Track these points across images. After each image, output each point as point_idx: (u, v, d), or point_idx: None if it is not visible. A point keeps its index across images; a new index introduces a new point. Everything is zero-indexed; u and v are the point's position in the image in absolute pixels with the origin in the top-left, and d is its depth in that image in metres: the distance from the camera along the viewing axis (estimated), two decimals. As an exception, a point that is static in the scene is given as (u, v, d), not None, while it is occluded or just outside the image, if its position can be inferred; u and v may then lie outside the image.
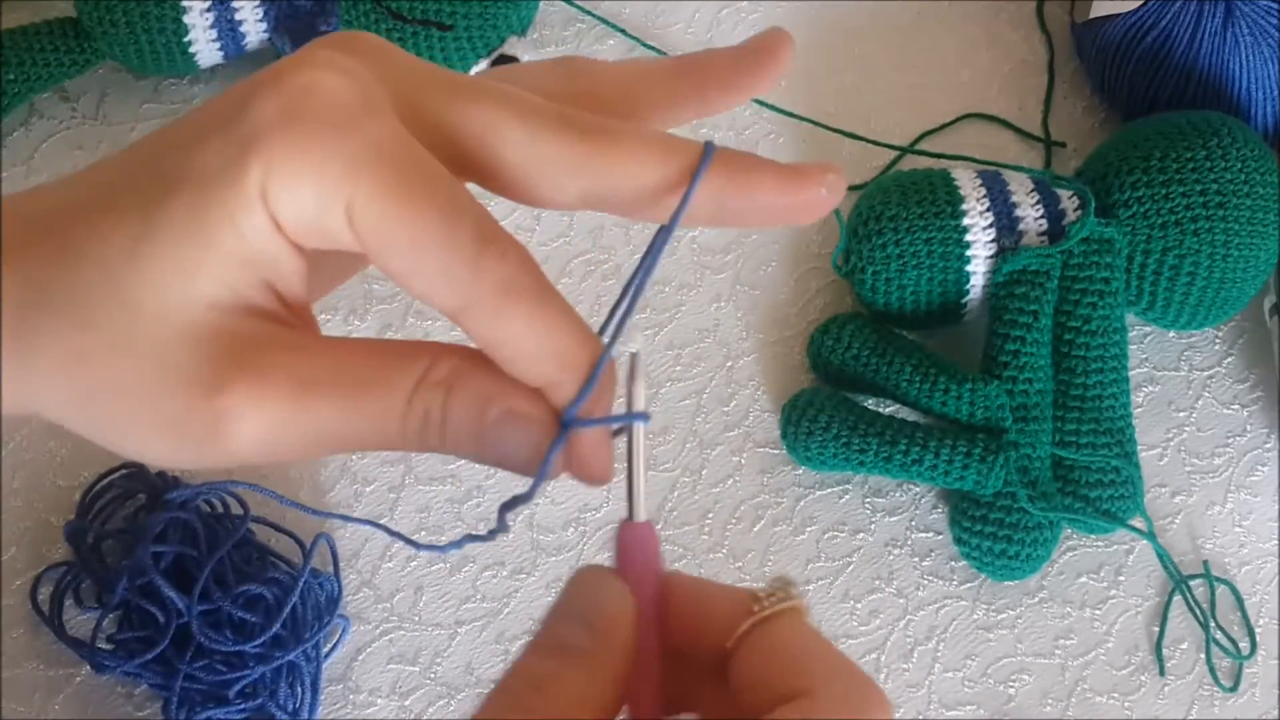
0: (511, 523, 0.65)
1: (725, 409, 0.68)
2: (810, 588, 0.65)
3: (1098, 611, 0.65)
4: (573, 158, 0.34)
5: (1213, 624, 0.65)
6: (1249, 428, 0.69)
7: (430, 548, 0.38)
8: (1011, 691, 0.64)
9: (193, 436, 0.32)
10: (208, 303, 0.32)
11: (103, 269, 0.32)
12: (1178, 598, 0.65)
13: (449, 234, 0.32)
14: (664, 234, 0.35)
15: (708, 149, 0.34)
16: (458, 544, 0.37)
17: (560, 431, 0.33)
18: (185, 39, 0.69)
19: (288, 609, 0.59)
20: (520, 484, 0.35)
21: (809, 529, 0.66)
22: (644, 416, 0.34)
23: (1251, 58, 0.68)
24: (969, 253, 0.65)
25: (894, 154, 0.73)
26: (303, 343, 0.33)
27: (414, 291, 0.33)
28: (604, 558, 0.65)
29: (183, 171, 0.32)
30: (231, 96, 0.33)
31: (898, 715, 0.63)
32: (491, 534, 0.35)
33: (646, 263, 0.35)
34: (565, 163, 0.34)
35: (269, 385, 0.32)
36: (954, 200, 0.65)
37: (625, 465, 0.34)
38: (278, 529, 0.63)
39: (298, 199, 0.32)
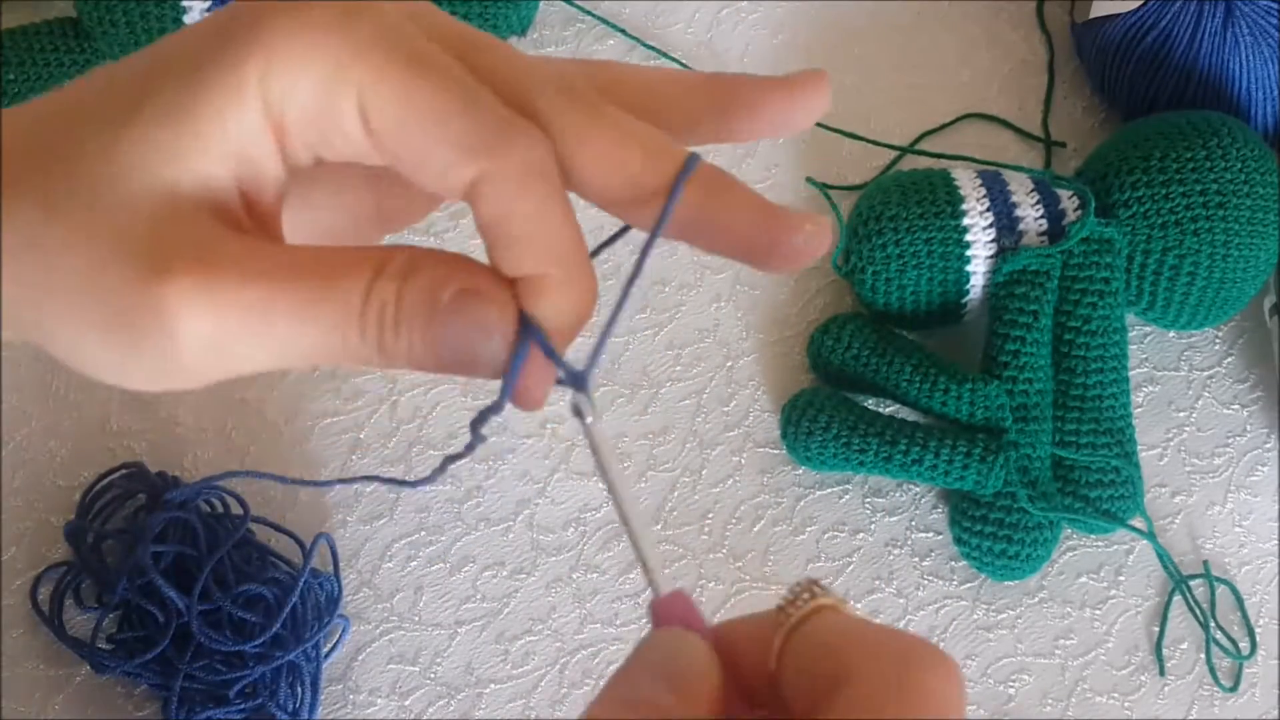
0: (490, 512, 0.65)
1: (725, 409, 0.68)
2: (810, 588, 0.65)
3: (1098, 611, 0.65)
4: (560, 119, 0.32)
5: (1213, 624, 0.65)
6: (1249, 428, 0.69)
7: (418, 482, 0.37)
8: (1011, 691, 0.64)
9: (135, 334, 0.31)
10: (174, 189, 0.31)
11: (80, 159, 0.31)
12: (1178, 598, 0.65)
13: (474, 101, 0.31)
14: (646, 245, 0.33)
15: (690, 160, 0.33)
16: (441, 469, 0.35)
17: (524, 334, 0.32)
18: (185, 39, 0.69)
19: (288, 609, 0.59)
20: (521, 486, 0.34)
21: (809, 529, 0.66)
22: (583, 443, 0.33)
23: (1251, 58, 0.68)
24: (969, 253, 0.65)
25: (894, 154, 0.73)
26: (257, 246, 0.31)
27: (429, 171, 0.31)
28: (604, 558, 0.65)
29: (174, 56, 0.31)
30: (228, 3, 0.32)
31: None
32: (468, 448, 0.34)
33: (633, 274, 0.34)
34: (551, 120, 0.32)
35: (217, 276, 0.30)
36: (954, 200, 0.65)
37: (633, 547, 0.33)
38: (278, 529, 0.63)
39: (301, 91, 0.31)
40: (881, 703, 0.28)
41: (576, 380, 0.33)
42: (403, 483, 0.37)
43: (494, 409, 0.32)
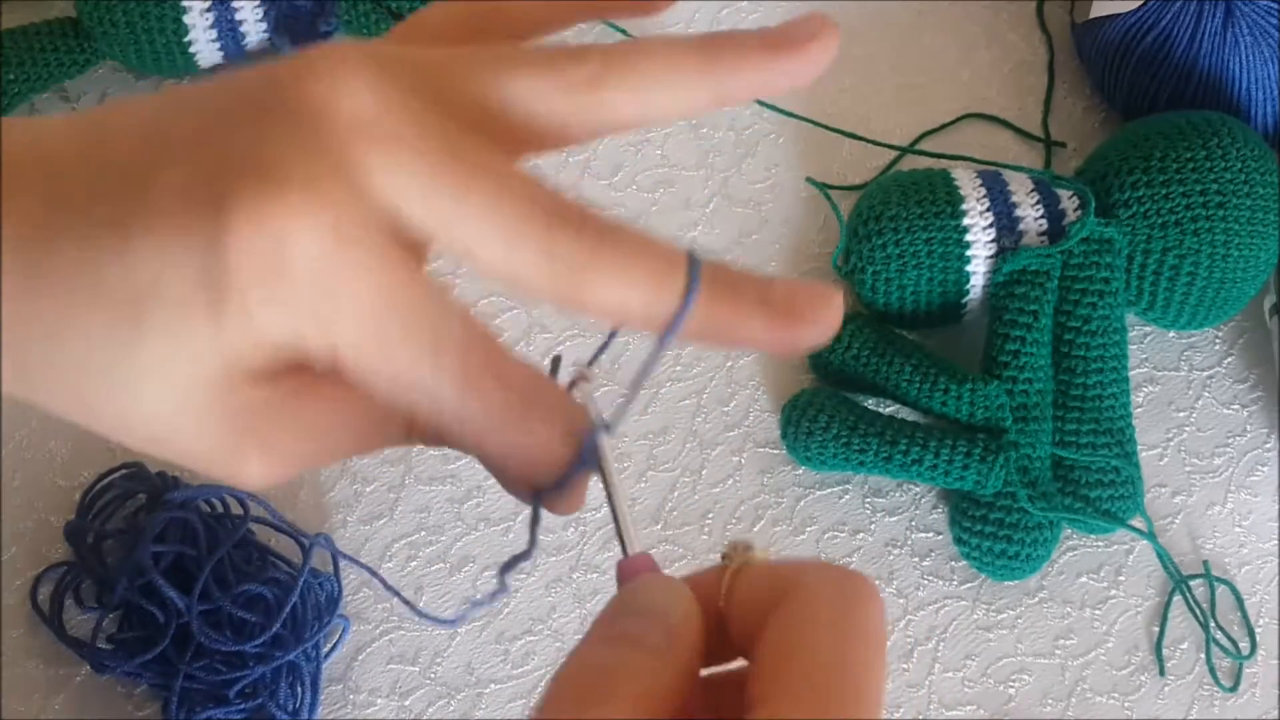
0: (489, 512, 0.65)
1: (725, 409, 0.68)
2: (810, 588, 0.65)
3: (1098, 611, 0.65)
4: (545, 293, 0.32)
5: (1213, 624, 0.65)
6: (1249, 428, 0.69)
7: (439, 622, 0.38)
8: (1011, 691, 0.64)
9: (210, 476, 0.33)
10: (209, 389, 0.31)
11: (90, 378, 0.31)
12: (1178, 598, 0.65)
13: (430, 391, 0.32)
14: (649, 361, 0.33)
15: (691, 288, 0.32)
16: (463, 615, 0.37)
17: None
18: (185, 39, 0.69)
19: (288, 609, 0.59)
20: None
21: (809, 529, 0.66)
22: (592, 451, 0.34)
23: (1251, 58, 0.68)
24: (969, 253, 0.65)
25: (894, 154, 0.73)
26: (302, 400, 0.32)
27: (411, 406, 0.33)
28: (604, 558, 0.65)
29: (153, 287, 0.30)
30: (209, 156, 0.31)
31: (897, 715, 0.63)
32: (493, 596, 0.36)
33: (638, 376, 0.34)
34: (538, 290, 0.32)
35: (280, 456, 0.33)
36: (954, 200, 0.65)
37: (609, 504, 0.34)
38: (278, 529, 0.63)
39: (277, 334, 0.31)
40: (820, 612, 0.29)
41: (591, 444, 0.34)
42: (420, 613, 0.38)
43: (523, 557, 0.34)
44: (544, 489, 0.34)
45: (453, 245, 0.31)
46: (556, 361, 0.35)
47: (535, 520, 0.34)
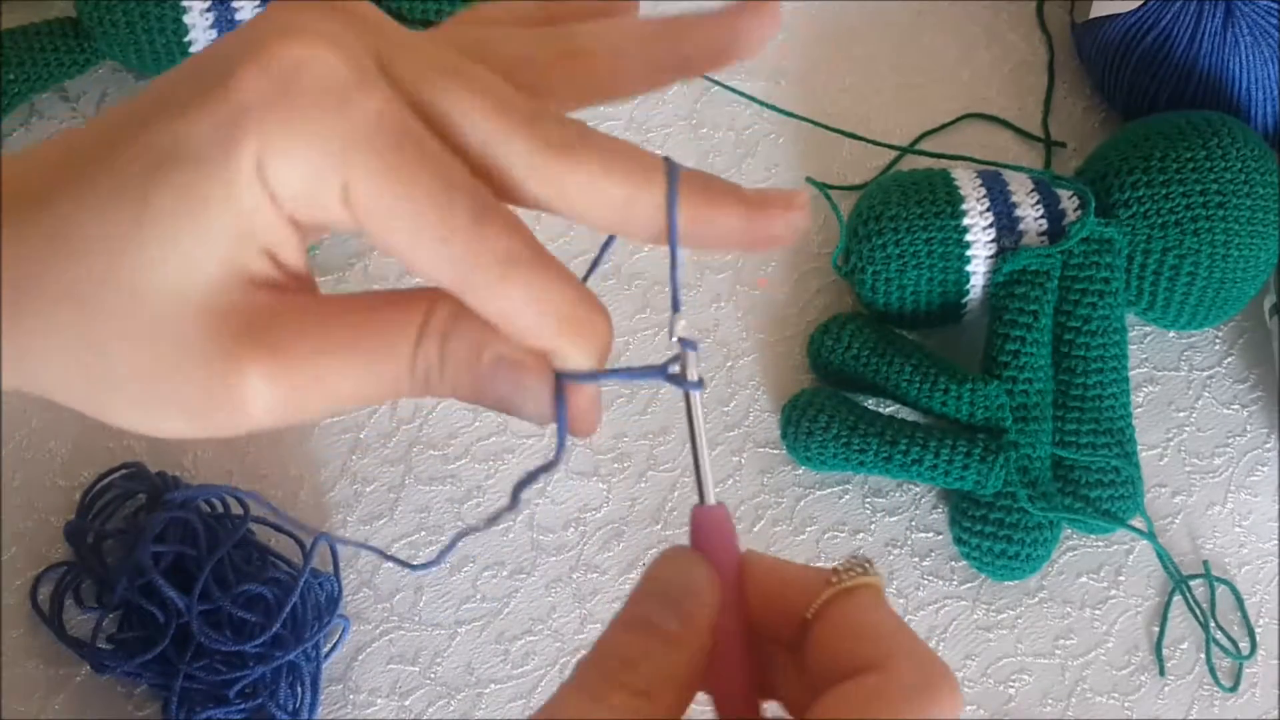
0: (489, 508, 0.65)
1: (725, 409, 0.68)
2: (810, 588, 0.65)
3: (1098, 611, 0.65)
4: (533, 165, 0.33)
5: (1213, 624, 0.65)
6: (1249, 428, 0.69)
7: (424, 565, 0.39)
8: (1011, 691, 0.64)
9: (209, 412, 0.33)
10: (212, 280, 0.32)
11: (103, 254, 0.32)
12: (1178, 598, 0.65)
13: (445, 211, 0.32)
14: (672, 266, 0.35)
15: (672, 177, 0.34)
16: (450, 547, 0.37)
17: (557, 385, 0.34)
18: (185, 39, 0.69)
19: (288, 609, 0.59)
20: (508, 480, 0.34)
21: (809, 529, 0.66)
22: (698, 385, 0.35)
23: (1251, 58, 0.68)
24: (969, 253, 0.65)
25: (894, 154, 0.73)
26: (307, 308, 0.33)
27: (414, 269, 0.33)
28: (604, 558, 0.65)
29: (172, 147, 0.32)
30: (209, 64, 0.33)
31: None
32: (494, 517, 0.36)
33: (669, 269, 0.35)
34: (525, 168, 0.33)
35: (283, 360, 0.33)
36: (954, 200, 0.65)
37: (691, 450, 0.35)
38: (278, 529, 0.63)
39: (293, 177, 0.32)
40: (901, 702, 0.30)
41: (690, 387, 0.35)
42: (407, 564, 0.38)
43: (549, 467, 0.34)
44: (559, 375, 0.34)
45: (445, 118, 0.33)
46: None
47: (561, 425, 0.34)
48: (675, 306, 0.35)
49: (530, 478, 0.34)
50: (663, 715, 0.32)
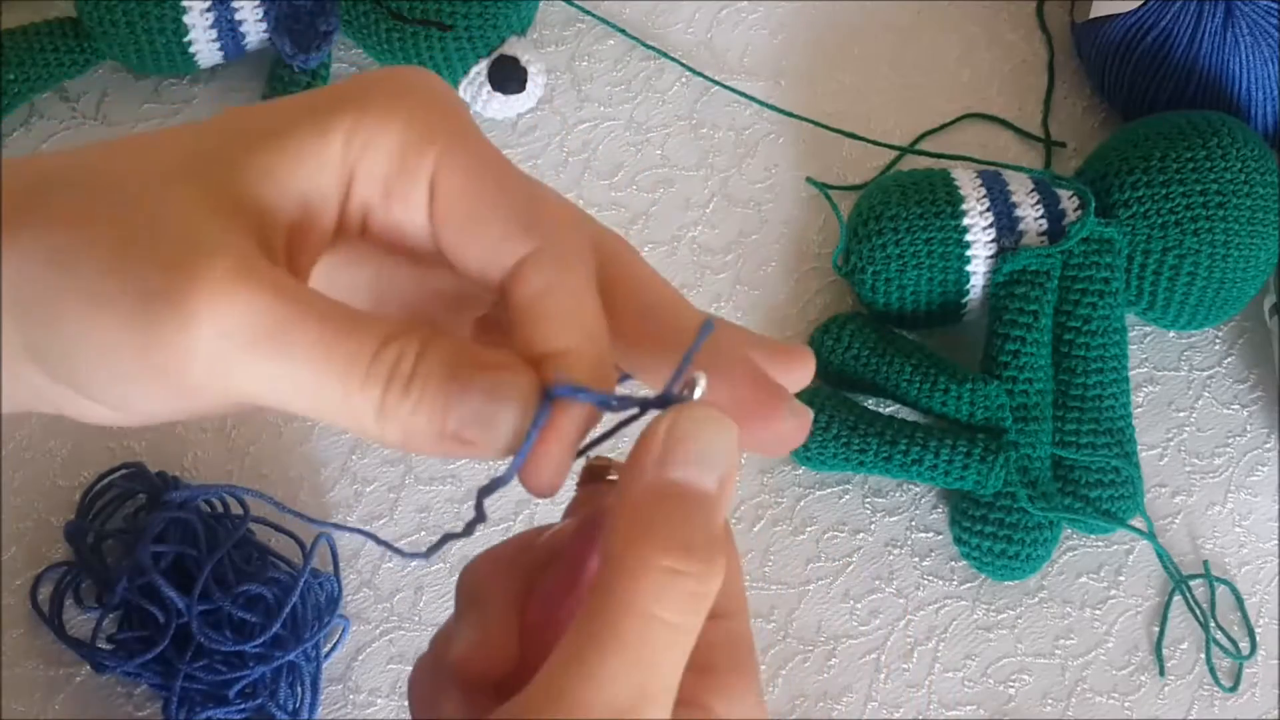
0: (490, 511, 0.65)
1: (725, 409, 0.68)
2: (810, 588, 0.65)
3: (1098, 611, 0.65)
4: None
5: (1213, 624, 0.65)
6: (1249, 428, 0.69)
7: (414, 554, 0.37)
8: (1011, 691, 0.64)
9: (151, 328, 0.30)
10: (228, 204, 0.31)
11: (139, 173, 0.32)
12: (1178, 598, 0.65)
13: (533, 190, 0.33)
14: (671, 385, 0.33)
15: (706, 324, 0.34)
16: (438, 546, 0.35)
17: (544, 401, 0.31)
18: (185, 39, 0.69)
19: (288, 609, 0.59)
20: (521, 486, 0.34)
21: (809, 529, 0.66)
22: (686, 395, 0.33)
23: (1251, 58, 0.68)
24: (969, 253, 0.65)
25: (894, 154, 0.73)
26: (290, 278, 0.32)
27: (483, 243, 0.33)
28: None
29: (270, 110, 0.33)
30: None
31: (898, 715, 0.63)
32: (469, 526, 0.33)
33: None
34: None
35: (247, 281, 0.30)
36: (954, 200, 0.65)
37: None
38: (278, 529, 0.63)
39: (385, 144, 0.32)
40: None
41: (666, 400, 0.33)
42: (396, 549, 0.38)
43: (502, 481, 0.32)
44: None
45: None
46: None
47: (530, 438, 0.31)
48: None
49: (492, 486, 0.32)
50: None
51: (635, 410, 0.33)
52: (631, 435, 0.33)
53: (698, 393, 0.33)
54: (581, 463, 0.36)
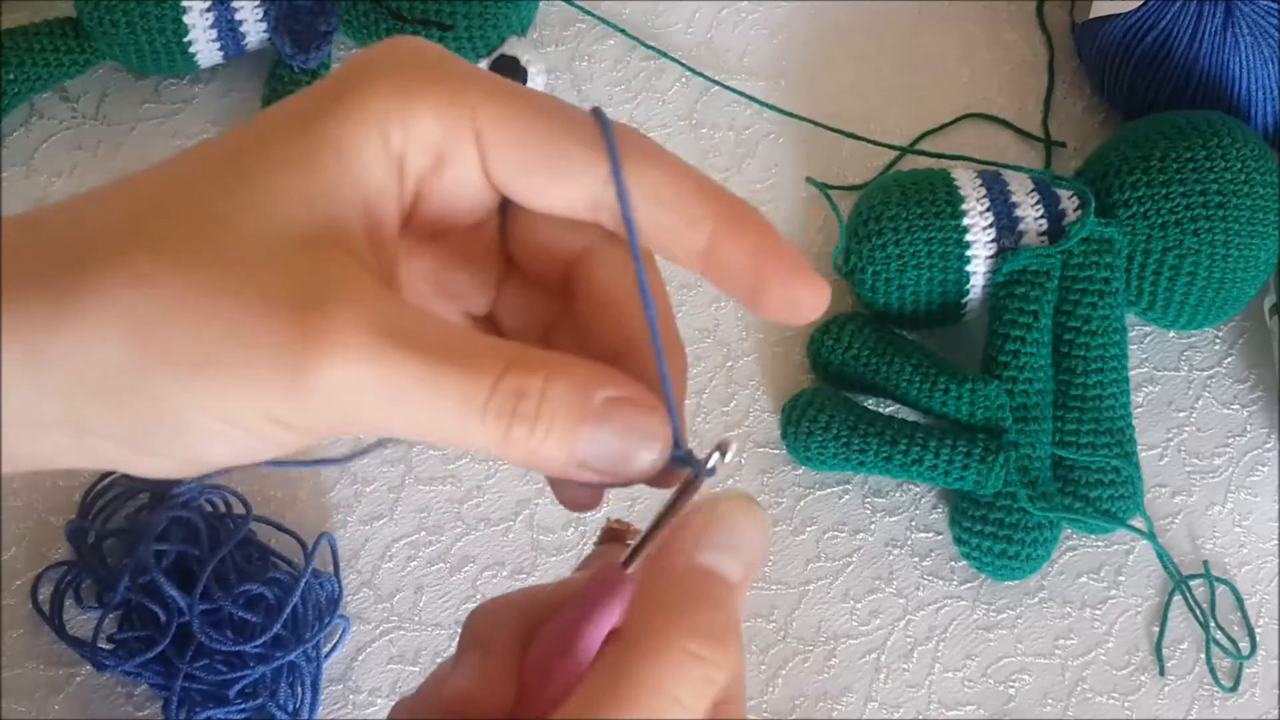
0: (490, 511, 0.65)
1: (725, 409, 0.68)
2: (810, 588, 0.65)
3: (1098, 611, 0.65)
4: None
5: (1213, 624, 0.65)
6: (1249, 428, 0.69)
7: (334, 460, 0.37)
8: (1011, 691, 0.64)
9: (277, 375, 0.29)
10: (309, 234, 0.30)
11: (197, 211, 0.30)
12: (1178, 598, 0.65)
13: (568, 113, 0.33)
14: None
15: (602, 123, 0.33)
16: (364, 452, 0.36)
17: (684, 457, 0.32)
18: (185, 39, 0.69)
19: (288, 609, 0.59)
20: (521, 486, 0.34)
21: (809, 529, 0.66)
22: (710, 473, 0.33)
23: (1251, 58, 0.68)
24: (969, 253, 0.65)
25: (894, 154, 0.73)
26: (400, 300, 0.31)
27: (554, 171, 0.32)
28: (604, 558, 0.65)
29: (290, 114, 0.32)
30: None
31: (897, 715, 0.63)
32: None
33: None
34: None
35: (364, 317, 0.30)
36: (954, 200, 0.65)
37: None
38: (280, 528, 0.63)
39: (423, 115, 0.32)
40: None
41: (694, 462, 0.33)
42: (321, 461, 0.37)
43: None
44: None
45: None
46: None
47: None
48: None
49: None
50: None
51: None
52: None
53: (729, 455, 0.33)
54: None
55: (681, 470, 0.33)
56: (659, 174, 0.33)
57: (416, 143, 0.32)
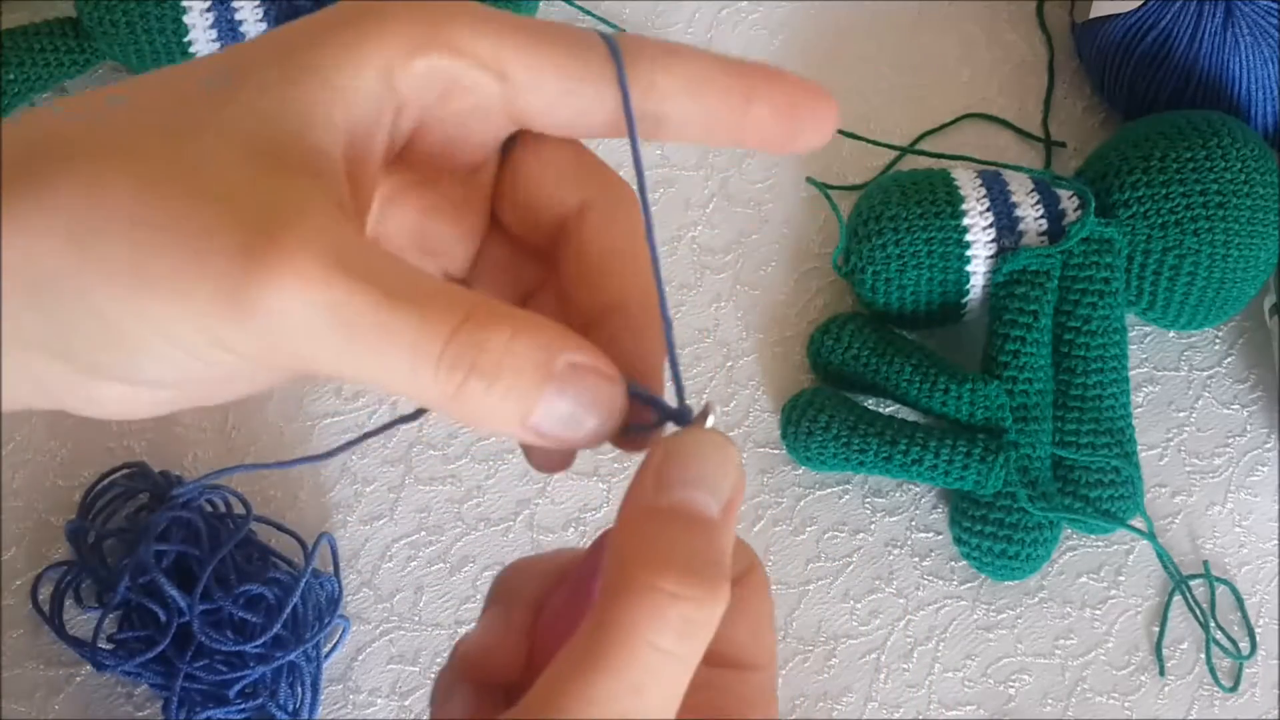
0: (490, 511, 0.65)
1: (725, 409, 0.68)
2: (810, 588, 0.65)
3: (1098, 611, 0.65)
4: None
5: (1213, 624, 0.65)
6: (1249, 428, 0.69)
7: (316, 456, 0.37)
8: (1011, 691, 0.64)
9: (218, 294, 0.28)
10: (284, 157, 0.29)
11: (180, 126, 0.30)
12: (1178, 598, 0.65)
13: (591, 36, 0.33)
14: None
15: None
16: (350, 445, 0.36)
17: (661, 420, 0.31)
18: (185, 39, 0.69)
19: (289, 609, 0.59)
20: (521, 486, 0.34)
21: (809, 529, 0.66)
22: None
23: (1251, 58, 0.68)
24: (969, 253, 0.65)
25: (894, 154, 0.73)
26: (362, 238, 0.30)
27: (565, 76, 0.32)
28: (604, 558, 0.65)
29: (283, 39, 0.31)
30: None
31: (898, 715, 0.63)
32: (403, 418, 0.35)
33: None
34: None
35: (318, 244, 0.28)
36: (954, 200, 0.65)
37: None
38: (280, 528, 0.63)
39: (435, 50, 0.31)
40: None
41: (679, 416, 0.32)
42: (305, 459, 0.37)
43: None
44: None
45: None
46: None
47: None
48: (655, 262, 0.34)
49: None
50: None
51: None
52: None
53: (710, 421, 0.32)
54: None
55: (658, 433, 0.32)
56: (685, 64, 0.33)
57: (425, 72, 0.31)
